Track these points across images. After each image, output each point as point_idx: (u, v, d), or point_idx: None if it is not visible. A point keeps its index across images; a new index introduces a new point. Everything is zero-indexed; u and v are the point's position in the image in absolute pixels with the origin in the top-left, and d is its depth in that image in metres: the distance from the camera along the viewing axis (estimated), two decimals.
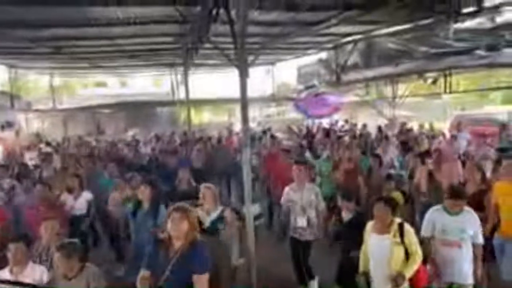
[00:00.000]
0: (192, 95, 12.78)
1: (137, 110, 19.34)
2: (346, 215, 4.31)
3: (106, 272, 3.85)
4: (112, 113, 19.39)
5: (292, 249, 4.78)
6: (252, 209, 4.98)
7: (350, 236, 4.02)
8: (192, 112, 15.68)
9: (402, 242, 3.36)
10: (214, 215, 4.25)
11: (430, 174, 5.80)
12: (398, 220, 3.48)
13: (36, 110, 17.28)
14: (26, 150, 11.60)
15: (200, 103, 18.87)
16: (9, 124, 14.36)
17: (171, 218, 2.84)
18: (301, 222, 4.62)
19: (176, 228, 2.81)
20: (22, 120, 15.90)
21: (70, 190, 5.61)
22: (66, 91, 24.95)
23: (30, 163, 8.95)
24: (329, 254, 4.67)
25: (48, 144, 12.57)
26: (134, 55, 11.63)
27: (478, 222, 3.62)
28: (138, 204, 4.52)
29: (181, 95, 15.03)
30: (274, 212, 6.92)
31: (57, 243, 3.34)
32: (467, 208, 3.68)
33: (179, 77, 15.80)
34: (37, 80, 23.16)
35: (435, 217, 3.74)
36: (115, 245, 5.81)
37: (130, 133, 16.90)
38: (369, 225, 3.63)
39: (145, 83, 28.20)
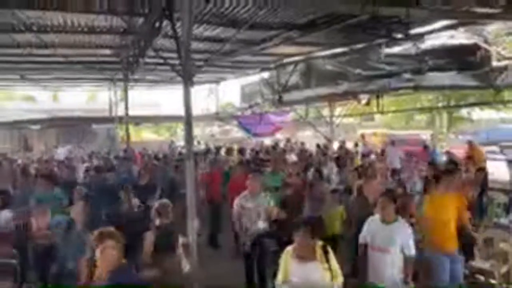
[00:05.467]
0: (131, 112, 12.34)
1: (70, 126, 18.21)
2: None
3: None
4: (41, 129, 18.03)
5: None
6: (195, 225, 4.93)
7: None
8: (132, 129, 15.14)
9: (329, 267, 3.20)
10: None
11: (359, 189, 6.08)
12: (320, 242, 3.28)
13: None
14: None
15: (140, 120, 18.28)
16: None
17: (104, 246, 2.63)
18: (261, 225, 4.83)
19: (109, 257, 2.64)
20: None
21: None
22: None
23: None
24: None
25: None
26: (70, 67, 11.00)
27: (409, 233, 3.83)
28: (70, 224, 4.16)
29: (120, 111, 14.45)
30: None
31: None
32: (401, 220, 3.92)
33: (118, 92, 15.19)
34: None
35: (370, 225, 4.00)
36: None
37: (60, 150, 15.71)
38: (288, 251, 3.34)
39: (79, 98, 26.82)
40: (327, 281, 3.17)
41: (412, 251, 3.79)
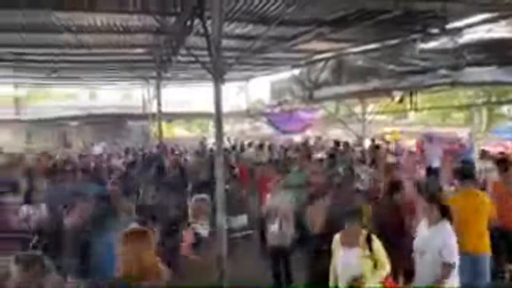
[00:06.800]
0: (164, 109, 12.66)
1: (106, 123, 18.91)
2: None
3: None
4: (79, 127, 18.83)
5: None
6: (238, 221, 5.08)
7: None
8: (164, 126, 15.50)
9: (371, 254, 3.32)
10: (207, 227, 4.18)
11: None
12: (364, 231, 3.42)
13: None
14: None
15: (172, 117, 18.71)
16: None
17: (147, 242, 2.42)
18: (273, 227, 4.80)
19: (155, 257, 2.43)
20: None
21: None
22: (31, 102, 24.07)
23: None
24: None
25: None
26: (106, 66, 11.40)
27: (446, 238, 3.52)
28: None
29: (153, 108, 14.83)
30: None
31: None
32: (445, 223, 3.62)
33: (152, 90, 15.60)
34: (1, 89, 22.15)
35: (420, 227, 3.84)
36: None
37: (96, 148, 16.21)
38: (337, 238, 3.54)
39: (115, 95, 27.68)
40: (367, 268, 3.26)
41: (446, 256, 3.47)
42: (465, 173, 4.59)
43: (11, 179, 7.45)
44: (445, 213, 3.63)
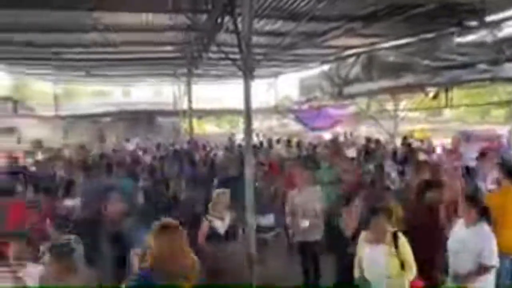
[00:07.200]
0: (194, 106, 12.87)
1: (138, 119, 19.46)
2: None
3: None
4: (112, 122, 19.48)
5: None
6: (265, 220, 5.35)
7: None
8: (195, 122, 15.76)
9: (397, 253, 3.29)
10: (227, 221, 4.29)
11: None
12: (391, 229, 3.40)
13: (38, 116, 17.40)
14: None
15: (202, 113, 18.99)
16: (11, 130, 14.42)
17: (181, 235, 2.53)
18: (303, 223, 4.78)
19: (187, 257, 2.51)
20: (24, 125, 15.98)
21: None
22: (69, 99, 25.12)
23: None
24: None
25: None
26: (138, 63, 11.71)
27: (486, 241, 3.46)
28: None
29: (183, 105, 15.11)
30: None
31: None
32: (483, 225, 3.56)
33: (182, 86, 15.89)
34: (42, 86, 23.27)
35: (456, 228, 3.77)
36: None
37: (130, 143, 16.71)
38: (363, 235, 3.55)
39: (148, 92, 28.38)
40: (393, 266, 3.25)
41: (486, 259, 3.43)
42: (509, 169, 4.42)
43: (52, 172, 7.86)
44: (483, 214, 3.56)
